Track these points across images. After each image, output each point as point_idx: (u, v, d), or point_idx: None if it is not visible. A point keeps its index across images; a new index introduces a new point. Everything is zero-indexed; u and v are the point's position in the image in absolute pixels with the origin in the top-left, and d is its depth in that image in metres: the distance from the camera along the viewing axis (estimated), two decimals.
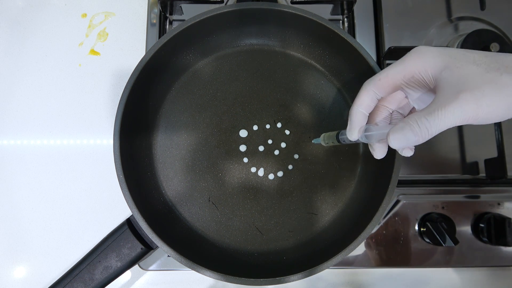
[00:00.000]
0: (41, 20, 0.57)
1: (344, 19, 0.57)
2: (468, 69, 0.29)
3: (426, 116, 0.29)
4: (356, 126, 0.36)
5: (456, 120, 0.28)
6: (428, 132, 0.29)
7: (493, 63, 0.29)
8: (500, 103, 0.28)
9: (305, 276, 0.39)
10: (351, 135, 0.36)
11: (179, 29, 0.44)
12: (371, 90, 0.34)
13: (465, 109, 0.28)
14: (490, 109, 0.28)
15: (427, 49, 0.32)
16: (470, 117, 0.28)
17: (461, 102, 0.28)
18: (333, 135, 0.41)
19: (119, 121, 0.42)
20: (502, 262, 0.49)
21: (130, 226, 0.42)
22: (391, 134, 0.31)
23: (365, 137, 0.35)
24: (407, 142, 0.30)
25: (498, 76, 0.28)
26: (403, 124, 0.30)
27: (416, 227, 0.50)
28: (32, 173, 0.52)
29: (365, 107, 0.35)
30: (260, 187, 0.48)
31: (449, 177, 0.52)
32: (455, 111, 0.28)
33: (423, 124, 0.29)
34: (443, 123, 0.29)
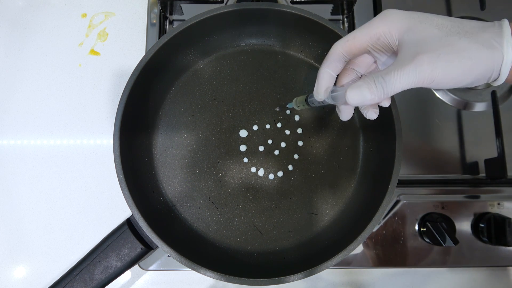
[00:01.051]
0: (41, 20, 0.57)
1: (344, 19, 0.57)
2: (430, 32, 0.30)
3: (383, 75, 0.30)
4: (323, 86, 0.36)
5: (411, 81, 0.29)
6: (384, 91, 0.30)
7: (454, 27, 0.30)
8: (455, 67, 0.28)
9: (305, 276, 0.39)
10: (318, 95, 0.37)
11: (179, 29, 0.44)
12: (339, 51, 0.35)
13: (420, 70, 0.28)
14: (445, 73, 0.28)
15: (393, 12, 0.32)
16: (425, 79, 0.29)
17: (416, 63, 0.28)
18: (302, 98, 0.41)
19: (119, 121, 0.42)
20: (502, 262, 0.49)
21: (130, 226, 0.42)
22: (348, 91, 0.31)
23: (331, 97, 0.36)
24: (363, 99, 0.31)
25: (457, 40, 0.29)
26: (361, 82, 0.31)
27: (416, 227, 0.50)
28: (32, 173, 0.52)
29: (333, 68, 0.35)
30: (260, 187, 0.48)
31: (449, 177, 0.52)
32: (410, 72, 0.29)
33: (380, 83, 0.30)
34: (398, 84, 0.29)
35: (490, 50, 0.28)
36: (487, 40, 0.29)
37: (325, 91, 0.36)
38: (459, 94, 0.53)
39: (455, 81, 0.29)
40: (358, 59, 0.37)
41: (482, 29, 0.29)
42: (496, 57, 0.28)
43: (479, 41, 0.29)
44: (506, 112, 0.51)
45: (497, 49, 0.28)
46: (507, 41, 0.28)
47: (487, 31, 0.29)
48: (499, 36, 0.29)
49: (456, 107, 0.53)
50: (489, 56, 0.28)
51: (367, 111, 0.36)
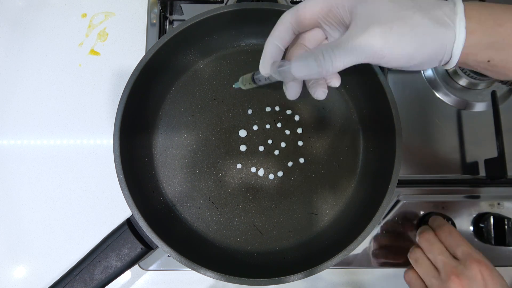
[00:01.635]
0: (41, 20, 0.57)
1: None
2: (383, 4, 0.28)
3: (333, 47, 0.28)
4: (269, 59, 0.33)
5: (362, 55, 0.27)
6: (332, 64, 0.28)
7: (409, 2, 0.28)
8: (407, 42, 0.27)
9: (305, 276, 0.39)
10: (263, 69, 0.34)
11: (179, 29, 0.44)
12: (288, 22, 0.32)
13: (372, 43, 0.27)
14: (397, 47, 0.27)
15: None
16: (376, 53, 0.27)
17: (368, 36, 0.27)
18: (249, 76, 0.38)
19: (119, 121, 0.42)
20: (502, 262, 0.49)
21: (130, 226, 0.42)
22: (293, 62, 0.29)
23: (278, 72, 0.32)
24: (309, 72, 0.28)
25: (411, 15, 0.27)
26: (308, 54, 0.28)
27: (416, 227, 0.50)
28: (32, 173, 0.52)
29: (281, 40, 0.33)
30: (260, 187, 0.48)
31: (449, 177, 0.52)
32: (361, 44, 0.27)
33: (328, 54, 0.27)
34: (348, 57, 0.27)
35: (443, 27, 0.27)
36: (440, 17, 0.27)
37: (272, 65, 0.33)
38: (459, 94, 0.53)
39: (405, 58, 0.28)
40: (308, 34, 0.34)
41: (437, 6, 0.28)
42: (448, 35, 0.27)
43: (433, 17, 0.27)
44: (506, 112, 0.51)
45: (450, 26, 0.27)
46: (459, 19, 0.27)
47: (442, 8, 0.28)
48: (452, 13, 0.28)
49: (456, 107, 0.53)
50: (441, 33, 0.27)
51: (316, 89, 0.34)
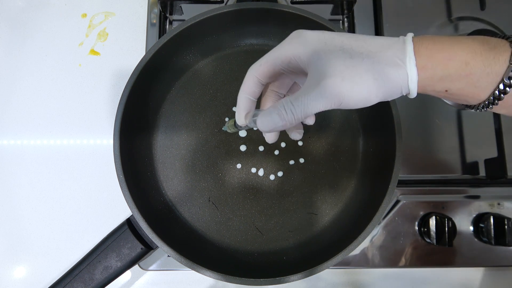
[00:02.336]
0: (41, 20, 0.57)
1: (344, 19, 0.57)
2: (335, 54, 0.29)
3: (292, 101, 0.29)
4: (243, 111, 0.35)
5: (320, 105, 0.29)
6: (294, 117, 0.29)
7: (358, 47, 0.29)
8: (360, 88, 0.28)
9: (305, 276, 0.39)
10: (239, 121, 0.36)
11: (179, 29, 0.44)
12: (253, 76, 0.34)
13: (326, 95, 0.28)
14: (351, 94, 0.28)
15: (300, 34, 0.31)
16: (333, 102, 0.28)
17: (322, 88, 0.28)
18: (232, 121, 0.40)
19: (119, 121, 0.42)
20: (502, 262, 0.49)
21: (130, 226, 0.42)
22: (259, 118, 0.31)
23: (253, 122, 0.34)
24: (274, 126, 0.30)
25: (360, 61, 0.28)
26: (271, 109, 0.30)
27: (416, 227, 0.50)
28: (32, 173, 0.52)
29: (251, 92, 0.35)
30: (260, 187, 0.48)
31: (449, 177, 0.52)
32: (317, 97, 0.28)
33: (289, 109, 0.29)
34: (307, 109, 0.29)
35: (393, 68, 0.28)
36: (390, 59, 0.28)
37: (246, 116, 0.35)
38: None
39: (363, 101, 0.29)
40: (277, 81, 0.36)
41: (387, 47, 0.29)
42: (400, 74, 0.28)
43: (382, 61, 0.28)
44: None
45: (401, 66, 0.28)
46: (409, 58, 0.28)
47: (392, 48, 0.29)
48: (402, 53, 0.28)
49: (456, 107, 0.53)
50: (392, 74, 0.28)
51: (291, 132, 0.36)
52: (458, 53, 0.28)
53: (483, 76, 0.28)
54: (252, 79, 0.34)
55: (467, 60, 0.27)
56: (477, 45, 0.28)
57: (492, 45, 0.28)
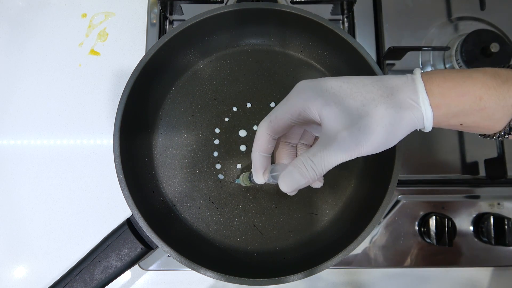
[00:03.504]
0: (41, 20, 0.57)
1: (344, 19, 0.57)
2: (345, 104, 0.29)
3: (311, 157, 0.29)
4: (260, 169, 0.35)
5: (339, 158, 0.28)
6: (316, 173, 0.29)
7: (368, 93, 0.29)
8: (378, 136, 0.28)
9: (305, 276, 0.39)
10: (257, 179, 0.36)
11: (179, 29, 0.44)
12: (265, 133, 0.34)
13: (345, 148, 0.28)
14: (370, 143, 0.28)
15: (307, 86, 0.31)
16: (353, 153, 0.28)
17: (340, 142, 0.28)
18: (246, 176, 0.40)
19: (119, 121, 0.42)
20: (502, 262, 0.49)
21: (130, 226, 0.42)
22: (280, 180, 0.31)
23: (272, 177, 0.35)
24: (298, 185, 0.30)
25: (373, 108, 0.28)
26: (291, 168, 0.30)
27: (416, 227, 0.50)
28: (32, 173, 0.52)
29: (264, 149, 0.35)
30: (260, 187, 0.48)
31: (449, 177, 0.52)
32: (336, 151, 0.28)
33: (309, 166, 0.29)
34: (327, 163, 0.29)
35: (408, 110, 0.28)
36: (403, 101, 0.28)
37: (264, 174, 0.35)
38: None
39: (383, 146, 0.29)
40: (288, 132, 0.36)
41: (398, 89, 0.29)
42: (416, 115, 0.28)
43: (396, 104, 0.28)
44: None
45: (415, 107, 0.28)
46: (422, 98, 0.28)
47: (403, 90, 0.29)
48: (414, 93, 0.28)
49: None
50: (408, 117, 0.28)
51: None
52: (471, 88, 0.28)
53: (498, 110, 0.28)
54: (264, 137, 0.34)
55: (480, 95, 0.27)
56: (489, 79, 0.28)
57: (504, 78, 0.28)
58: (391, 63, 0.55)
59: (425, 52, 0.55)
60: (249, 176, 0.40)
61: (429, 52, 0.55)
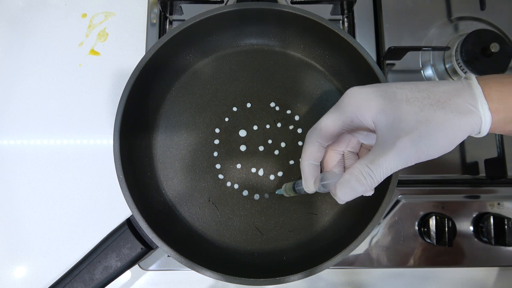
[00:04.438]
0: (41, 20, 0.57)
1: (344, 19, 0.57)
2: (402, 109, 0.28)
3: (369, 165, 0.28)
4: (310, 178, 0.35)
5: (398, 165, 0.28)
6: (374, 181, 0.29)
7: (425, 98, 0.28)
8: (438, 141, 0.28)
9: (305, 276, 0.39)
10: (308, 189, 0.36)
11: (179, 29, 0.44)
12: (315, 141, 0.34)
13: (405, 154, 0.28)
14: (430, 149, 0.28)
15: (359, 92, 0.31)
16: (412, 160, 0.28)
17: (399, 148, 0.27)
18: (290, 185, 0.40)
19: (119, 121, 0.42)
20: (502, 262, 0.49)
21: (130, 226, 0.42)
22: (338, 189, 0.30)
23: (322, 186, 0.34)
24: (355, 194, 0.30)
25: (432, 114, 0.28)
26: (348, 177, 0.30)
27: (416, 227, 0.50)
28: (32, 173, 0.52)
29: (314, 158, 0.35)
30: (260, 187, 0.48)
31: (449, 177, 0.52)
32: (395, 158, 0.28)
33: (367, 174, 0.29)
34: (386, 170, 0.28)
35: (467, 115, 0.28)
36: (461, 106, 0.28)
37: (314, 183, 0.35)
38: None
39: (441, 152, 0.29)
40: (337, 140, 0.36)
41: (455, 94, 0.28)
42: (475, 120, 0.28)
43: (455, 109, 0.28)
44: None
45: (474, 112, 0.28)
46: (481, 102, 0.28)
47: (460, 95, 0.28)
48: (472, 99, 0.28)
49: None
50: (468, 122, 0.28)
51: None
52: None
53: None
54: (314, 145, 0.34)
55: None
56: None
57: None
58: (391, 63, 0.55)
59: (425, 52, 0.55)
60: (292, 186, 0.40)
61: (429, 52, 0.55)
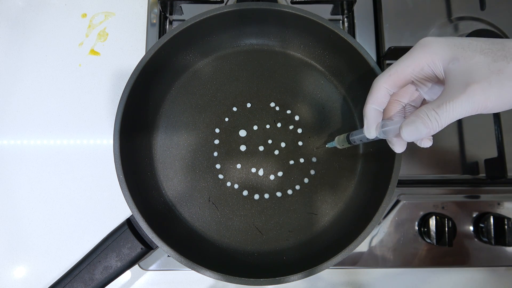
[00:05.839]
0: (41, 20, 0.57)
1: (344, 19, 0.57)
2: (476, 59, 0.29)
3: (435, 109, 0.29)
4: (373, 123, 0.36)
5: (465, 111, 0.29)
6: (438, 124, 0.30)
7: (499, 50, 0.29)
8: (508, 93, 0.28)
9: (305, 276, 0.39)
10: (369, 133, 0.36)
11: (179, 29, 0.44)
12: (382, 87, 0.35)
13: (474, 101, 0.28)
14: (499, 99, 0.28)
15: (433, 40, 0.32)
16: (479, 108, 0.29)
17: (469, 94, 0.28)
18: (344, 137, 0.42)
19: (119, 121, 0.42)
20: (502, 262, 0.49)
21: (130, 226, 0.42)
22: (403, 128, 0.31)
23: (383, 132, 0.35)
24: (419, 135, 0.31)
25: (505, 65, 0.28)
26: (414, 118, 0.31)
27: (416, 227, 0.50)
28: (32, 173, 0.52)
29: (379, 103, 0.35)
30: (260, 187, 0.48)
31: (449, 177, 0.52)
32: (463, 103, 0.28)
33: (433, 116, 0.30)
34: (452, 115, 0.29)
35: None
36: None
37: (376, 128, 0.36)
38: None
39: (508, 105, 0.29)
40: (401, 90, 0.36)
41: None
42: None
43: None
44: (506, 112, 0.51)
45: None
46: None
47: None
48: None
49: None
50: None
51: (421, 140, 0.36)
52: None
53: None
54: (381, 90, 0.35)
55: None
56: None
57: None
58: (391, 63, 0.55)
59: None
60: (347, 136, 0.41)
61: None
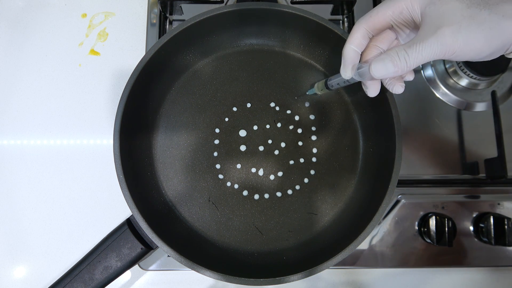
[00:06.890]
0: (41, 20, 0.57)
1: (344, 19, 0.57)
2: (451, 4, 0.30)
3: (406, 48, 0.30)
4: (349, 63, 0.37)
5: (433, 53, 0.30)
6: (407, 64, 0.31)
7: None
8: (476, 38, 0.29)
9: (305, 276, 0.39)
10: (345, 73, 0.37)
11: (179, 29, 0.44)
12: (362, 28, 0.35)
13: (442, 42, 0.29)
14: (467, 44, 0.29)
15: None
16: (447, 50, 0.29)
17: (438, 36, 0.29)
18: (322, 83, 0.43)
19: (119, 121, 0.42)
20: (502, 262, 0.49)
21: (130, 226, 0.42)
22: (372, 64, 0.32)
23: (358, 74, 0.36)
24: (387, 72, 0.32)
25: (478, 12, 0.29)
26: (384, 56, 0.31)
27: (416, 227, 0.50)
28: (32, 173, 0.52)
29: (357, 44, 0.36)
30: (260, 187, 0.48)
31: (449, 177, 0.52)
32: (432, 44, 0.29)
33: (402, 56, 0.30)
34: (420, 56, 0.30)
35: (509, 20, 0.29)
36: (507, 11, 0.29)
37: (352, 68, 0.37)
38: (459, 94, 0.53)
39: (475, 52, 0.30)
40: (380, 35, 0.37)
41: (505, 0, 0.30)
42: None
43: (500, 12, 0.29)
44: (506, 112, 0.51)
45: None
46: None
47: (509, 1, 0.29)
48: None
49: (456, 107, 0.53)
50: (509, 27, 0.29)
51: (393, 85, 0.37)
52: None
53: None
54: (361, 31, 0.35)
55: None
56: None
57: None
58: None
59: None
60: (325, 82, 0.43)
61: None
